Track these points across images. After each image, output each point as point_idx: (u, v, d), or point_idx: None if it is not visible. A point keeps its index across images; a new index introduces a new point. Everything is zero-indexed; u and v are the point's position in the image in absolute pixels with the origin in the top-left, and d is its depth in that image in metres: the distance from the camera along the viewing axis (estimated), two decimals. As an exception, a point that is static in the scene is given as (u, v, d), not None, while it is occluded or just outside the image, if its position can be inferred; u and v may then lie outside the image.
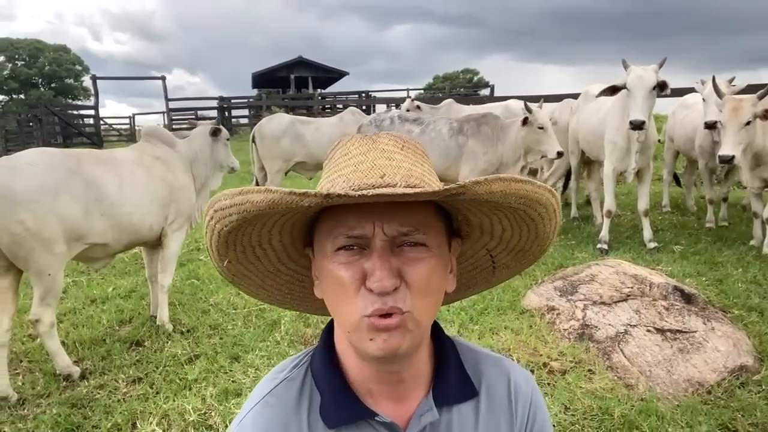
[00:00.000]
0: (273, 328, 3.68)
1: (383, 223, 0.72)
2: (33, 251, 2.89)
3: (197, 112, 24.13)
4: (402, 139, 0.82)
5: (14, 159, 3.01)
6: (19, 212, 2.83)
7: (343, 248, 0.74)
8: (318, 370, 0.85)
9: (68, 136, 21.23)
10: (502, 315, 3.69)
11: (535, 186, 0.75)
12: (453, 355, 0.89)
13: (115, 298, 4.33)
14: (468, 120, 5.29)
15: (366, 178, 0.74)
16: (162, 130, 4.07)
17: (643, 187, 5.03)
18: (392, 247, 0.73)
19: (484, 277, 0.97)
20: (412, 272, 0.73)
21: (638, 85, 4.47)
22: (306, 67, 29.75)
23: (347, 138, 0.84)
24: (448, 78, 47.44)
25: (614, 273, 3.85)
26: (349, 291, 0.73)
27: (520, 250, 0.89)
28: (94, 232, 3.17)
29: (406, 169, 0.76)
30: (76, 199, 3.06)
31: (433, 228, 0.76)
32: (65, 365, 3.13)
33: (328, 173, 0.81)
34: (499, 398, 0.90)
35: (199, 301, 4.19)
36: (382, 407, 0.82)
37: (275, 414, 0.81)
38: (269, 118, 6.99)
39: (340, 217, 0.73)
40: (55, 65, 46.41)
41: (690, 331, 3.20)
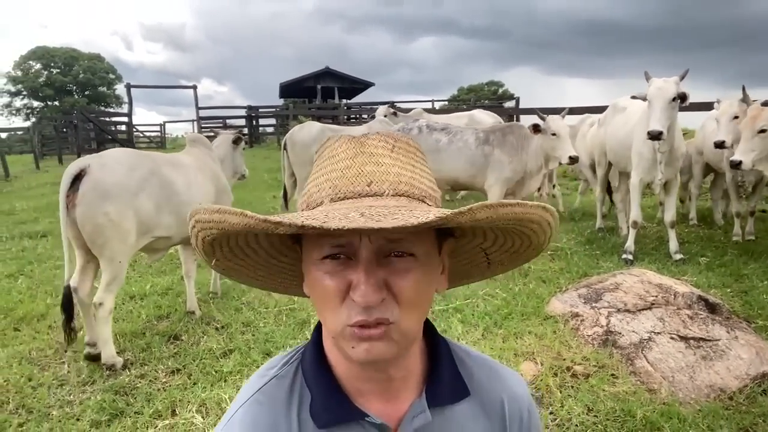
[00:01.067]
0: (303, 326, 3.82)
1: (370, 234, 0.69)
2: (110, 240, 3.24)
3: (225, 120, 24.59)
4: (393, 139, 0.80)
5: (103, 157, 3.39)
6: (105, 205, 3.20)
7: (329, 257, 0.72)
8: (308, 368, 0.84)
9: (102, 142, 21.79)
10: (526, 320, 3.77)
11: (526, 207, 0.74)
12: (446, 356, 0.88)
13: (152, 294, 4.52)
14: (494, 130, 5.42)
15: (352, 186, 0.74)
16: (203, 138, 4.49)
17: (670, 198, 5.06)
18: (379, 258, 0.71)
19: (479, 270, 0.96)
20: (400, 283, 0.71)
21: (657, 95, 4.52)
22: (332, 78, 30.15)
23: (335, 138, 0.82)
24: (473, 90, 47.46)
25: (639, 282, 3.90)
26: (334, 300, 0.72)
27: (515, 252, 0.89)
28: (161, 226, 3.53)
29: (395, 174, 0.76)
30: (151, 197, 3.44)
31: (420, 237, 0.73)
32: (110, 355, 3.33)
33: (315, 176, 0.80)
34: (492, 401, 0.89)
35: (232, 300, 4.35)
36: (372, 407, 0.81)
37: (264, 412, 0.80)
38: (300, 126, 7.18)
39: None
40: (89, 73, 47.59)
41: (713, 339, 3.25)
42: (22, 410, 2.91)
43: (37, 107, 47.57)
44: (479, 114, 8.36)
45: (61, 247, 6.06)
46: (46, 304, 4.30)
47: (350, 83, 31.05)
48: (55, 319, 4.05)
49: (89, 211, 3.18)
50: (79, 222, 3.20)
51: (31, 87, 46.02)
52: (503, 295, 4.20)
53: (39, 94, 46.51)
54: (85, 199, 3.18)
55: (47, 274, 5.18)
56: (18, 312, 4.13)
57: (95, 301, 3.31)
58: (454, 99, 40.11)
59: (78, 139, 20.32)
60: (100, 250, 3.26)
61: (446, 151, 5.50)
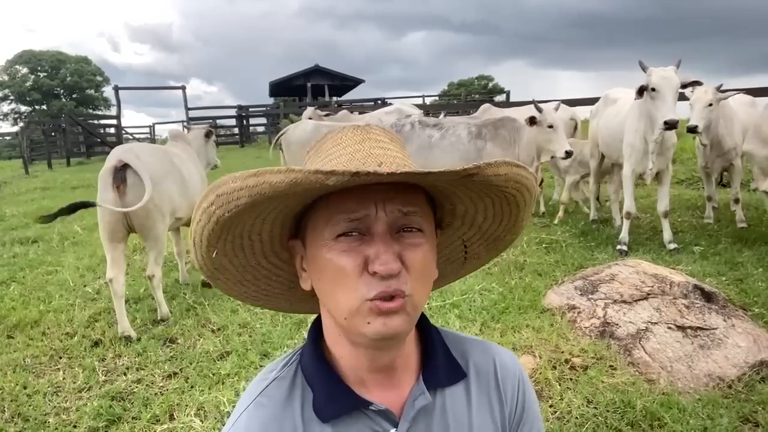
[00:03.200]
0: (300, 326, 3.79)
1: (384, 204, 0.73)
2: (156, 221, 3.85)
3: (216, 120, 24.45)
4: (390, 133, 0.85)
5: (133, 150, 3.87)
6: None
7: (343, 235, 0.74)
8: (308, 366, 0.85)
9: (91, 145, 21.63)
10: (524, 314, 3.76)
11: (527, 171, 0.79)
12: (438, 341, 0.91)
13: (146, 298, 4.48)
14: (486, 124, 5.41)
15: (364, 166, 0.74)
16: (183, 133, 5.29)
17: (663, 188, 5.07)
18: (392, 233, 0.74)
19: (453, 269, 1.00)
20: (412, 257, 0.74)
21: (666, 85, 4.51)
22: (322, 75, 30.05)
23: (337, 129, 0.84)
24: (463, 85, 47.48)
25: (634, 272, 3.90)
26: (351, 277, 0.73)
27: (495, 239, 0.92)
28: (181, 208, 4.17)
29: (400, 158, 0.79)
30: (175, 183, 4.08)
31: (426, 214, 0.78)
32: (165, 313, 4.07)
33: (320, 162, 0.80)
34: (487, 379, 0.92)
35: (228, 301, 4.31)
36: (374, 396, 0.82)
37: (268, 414, 0.81)
38: (295, 125, 7.16)
39: (338, 203, 0.74)
40: (77, 76, 47.32)
41: (710, 328, 3.25)
42: (18, 419, 2.87)
43: (24, 112, 47.27)
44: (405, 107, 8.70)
45: (52, 253, 6.04)
46: (39, 310, 4.25)
47: (340, 80, 30.98)
48: (49, 325, 4.02)
49: (139, 197, 3.65)
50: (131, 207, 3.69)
51: (18, 91, 45.71)
52: (500, 289, 4.20)
53: (26, 99, 46.20)
54: (135, 186, 3.68)
55: (39, 280, 5.13)
56: (11, 319, 4.08)
57: (148, 275, 3.99)
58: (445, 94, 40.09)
59: (67, 143, 20.16)
60: (148, 231, 3.84)
61: (439, 146, 5.50)
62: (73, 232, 7.13)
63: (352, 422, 0.81)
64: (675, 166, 7.91)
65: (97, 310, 4.26)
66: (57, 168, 18.24)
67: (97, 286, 4.82)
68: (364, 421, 0.82)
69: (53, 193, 11.54)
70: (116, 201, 3.68)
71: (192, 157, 4.71)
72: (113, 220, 3.73)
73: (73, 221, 7.82)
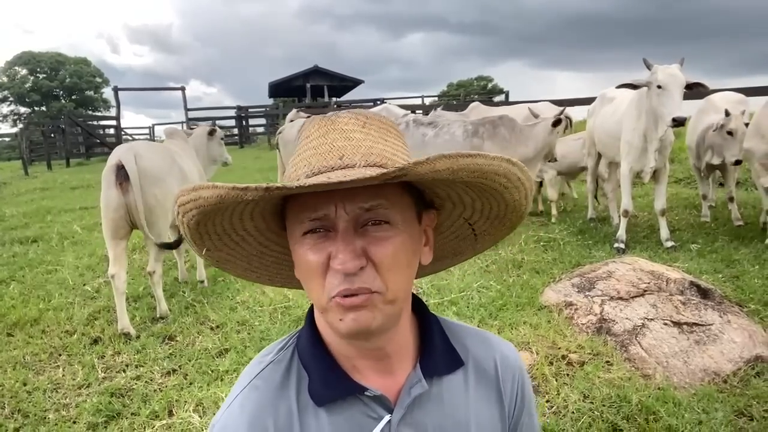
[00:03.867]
0: (298, 323, 3.79)
1: (345, 203, 0.72)
2: (159, 218, 3.88)
3: (215, 121, 24.36)
4: (364, 116, 0.81)
5: (135, 148, 3.89)
6: (154, 188, 3.82)
7: (309, 232, 0.74)
8: (304, 350, 0.85)
9: (90, 146, 21.64)
10: (521, 311, 3.78)
11: (488, 158, 0.74)
12: (437, 329, 0.90)
13: (145, 296, 4.51)
14: (483, 122, 5.40)
15: (325, 161, 0.75)
16: (179, 130, 5.27)
17: (660, 187, 5.09)
18: (356, 228, 0.73)
19: (468, 244, 0.97)
20: (378, 251, 0.73)
21: (673, 82, 4.50)
22: (321, 76, 30.06)
23: (309, 120, 0.84)
24: (462, 85, 47.50)
25: (631, 270, 3.92)
26: (317, 273, 0.74)
27: (496, 217, 0.89)
28: None
29: (367, 147, 0.76)
30: (177, 180, 4.07)
31: (396, 204, 0.75)
32: (165, 310, 4.10)
33: (293, 159, 0.82)
34: (487, 372, 0.91)
35: (227, 299, 4.34)
36: (370, 381, 0.82)
37: (263, 397, 0.81)
38: (291, 124, 7.19)
39: (303, 202, 0.74)
40: (76, 77, 47.30)
41: (706, 324, 3.27)
42: (18, 415, 2.89)
43: (24, 113, 47.26)
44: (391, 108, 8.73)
45: (52, 252, 6.06)
46: (39, 308, 4.27)
47: (339, 81, 30.99)
48: (48, 323, 4.03)
49: (143, 194, 3.71)
50: (134, 205, 3.71)
51: (17, 93, 45.69)
52: (497, 286, 4.22)
53: (26, 100, 46.18)
54: (138, 184, 3.69)
55: (39, 279, 5.15)
56: (11, 317, 4.10)
57: (149, 271, 4.04)
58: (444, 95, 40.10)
59: (66, 144, 20.17)
60: (151, 227, 3.83)
61: (433, 145, 5.48)
62: (73, 231, 7.14)
63: (347, 407, 0.81)
64: (673, 165, 7.95)
65: (96, 309, 4.28)
66: (56, 169, 18.25)
67: (96, 285, 4.84)
68: (359, 406, 0.81)
69: (53, 194, 11.56)
70: (119, 198, 3.72)
71: (189, 153, 4.75)
72: (117, 216, 3.76)
73: (72, 220, 7.85)
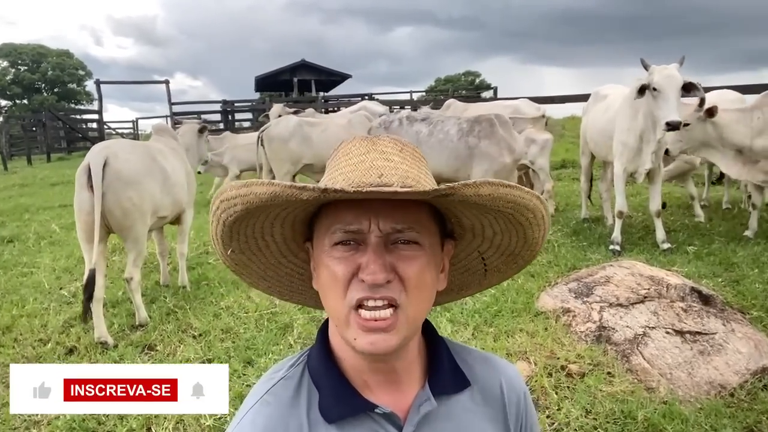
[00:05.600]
0: (285, 331, 3.65)
1: (379, 220, 0.75)
2: (136, 221, 3.68)
3: (201, 115, 24.07)
4: (401, 143, 0.85)
5: (111, 148, 3.71)
6: (129, 191, 3.61)
7: (340, 243, 0.77)
8: (315, 366, 0.86)
9: (72, 140, 21.24)
10: (517, 317, 3.65)
11: (523, 192, 0.78)
12: (445, 350, 0.92)
13: (124, 302, 4.29)
14: (479, 121, 5.24)
15: (364, 177, 0.77)
16: (168, 127, 5.17)
17: (654, 187, 4.99)
18: (387, 244, 0.76)
19: (476, 279, 1.00)
20: (406, 268, 0.76)
21: (669, 84, 4.37)
22: (309, 70, 29.70)
23: (349, 139, 0.87)
24: (450, 80, 47.43)
25: (630, 274, 3.81)
26: (342, 284, 0.76)
27: (510, 254, 0.91)
28: (163, 206, 4.01)
29: (403, 170, 0.79)
30: (157, 181, 3.89)
31: (426, 228, 0.79)
32: (144, 317, 3.89)
33: (330, 172, 0.84)
34: (491, 390, 0.92)
35: (210, 305, 4.15)
36: (380, 399, 0.83)
37: (274, 413, 0.81)
38: (276, 121, 6.96)
39: (338, 214, 0.77)
40: (58, 70, 46.51)
41: (709, 333, 3.16)
42: (-16, 434, 2.70)
43: (4, 106, 46.30)
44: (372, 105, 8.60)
45: (28, 253, 5.83)
46: (12, 315, 4.06)
47: (327, 75, 30.62)
48: (21, 331, 3.83)
49: (116, 197, 3.55)
50: (108, 208, 3.54)
51: (-3, 85, 44.77)
52: (491, 291, 4.07)
53: (6, 93, 45.31)
54: (112, 187, 3.53)
55: (13, 283, 4.92)
56: (-19, 325, 3.89)
57: (126, 277, 3.82)
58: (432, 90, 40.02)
59: (47, 138, 19.79)
60: (127, 232, 3.69)
61: (427, 143, 5.32)
62: (51, 231, 6.90)
63: (357, 424, 0.81)
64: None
65: (72, 315, 4.08)
66: (37, 164, 17.87)
67: (73, 289, 4.63)
68: (369, 423, 0.82)
69: (32, 190, 11.27)
70: (91, 200, 3.52)
71: (177, 152, 4.53)
72: (90, 219, 3.54)
73: (51, 219, 7.61)
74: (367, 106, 8.35)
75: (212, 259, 5.31)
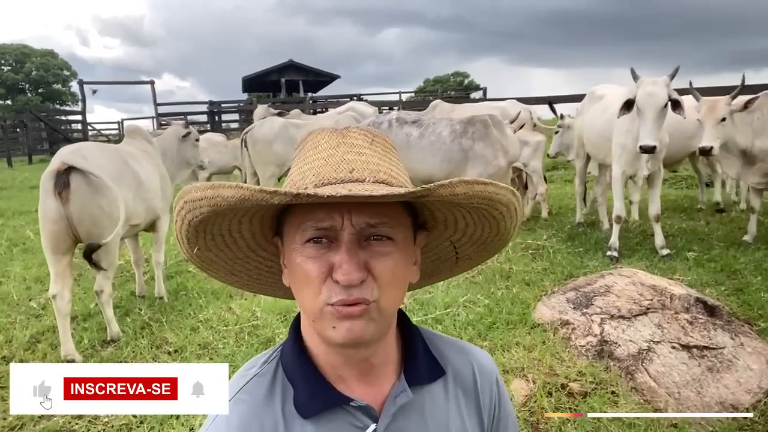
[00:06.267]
0: (267, 346, 3.42)
1: (351, 215, 0.74)
2: (106, 230, 3.38)
3: (187, 116, 23.73)
4: (371, 134, 0.83)
5: (80, 151, 3.45)
6: (99, 197, 3.34)
7: (311, 240, 0.75)
8: (288, 362, 0.85)
9: (55, 141, 20.78)
10: (513, 330, 3.45)
11: (498, 187, 0.78)
12: (419, 341, 0.91)
13: (96, 315, 4.03)
14: (472, 122, 5.04)
15: (335, 172, 0.76)
16: (142, 129, 4.68)
17: (654, 192, 4.82)
18: (360, 241, 0.75)
19: (447, 266, 0.99)
20: (379, 265, 0.74)
21: (649, 104, 4.18)
22: (297, 71, 29.39)
23: (317, 131, 0.84)
24: (439, 81, 47.29)
25: (631, 283, 3.62)
26: (315, 282, 0.74)
27: (482, 243, 0.92)
28: (136, 213, 3.76)
29: (375, 164, 0.78)
30: (130, 187, 3.64)
31: (399, 222, 0.78)
32: (116, 332, 3.64)
33: (299, 165, 0.81)
34: (464, 378, 0.93)
35: (188, 318, 3.91)
36: (355, 392, 0.83)
37: (248, 410, 0.80)
38: (261, 122, 6.71)
39: (309, 210, 0.75)
40: (43, 70, 45.85)
41: (718, 348, 2.98)
42: (-69, 468, 2.46)
43: (-12, 107, 45.54)
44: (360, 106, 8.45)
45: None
46: (-25, 330, 3.80)
47: (315, 76, 30.33)
48: (-16, 348, 3.57)
49: (85, 205, 3.29)
50: (76, 217, 3.27)
51: (-20, 86, 44.05)
52: (485, 301, 3.87)
53: (-11, 93, 44.53)
54: (79, 193, 3.27)
55: (-19, 293, 4.65)
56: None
57: (96, 290, 3.56)
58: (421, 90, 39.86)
59: (28, 139, 19.37)
60: (97, 241, 3.39)
61: (418, 146, 5.12)
62: (25, 237, 6.60)
63: (333, 418, 0.81)
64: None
65: (40, 329, 3.82)
66: (17, 166, 17.45)
67: (42, 301, 4.36)
68: (345, 417, 0.82)
69: (10, 194, 10.94)
70: (58, 209, 3.27)
71: (151, 155, 4.26)
72: (57, 229, 3.30)
73: (26, 225, 7.31)
74: (354, 107, 8.15)
75: (191, 268, 5.06)
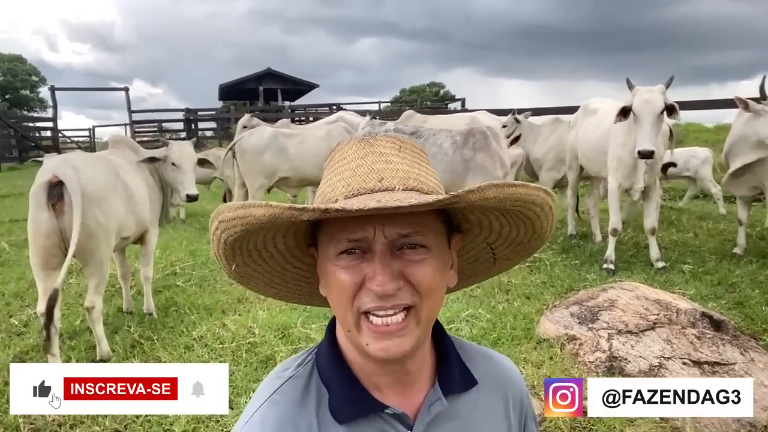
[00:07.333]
0: (267, 364, 3.29)
1: (384, 227, 0.73)
2: (100, 243, 3.32)
3: (161, 124, 23.34)
4: (399, 140, 0.83)
5: (70, 161, 3.28)
6: (93, 209, 3.24)
7: (345, 252, 0.75)
8: (325, 366, 0.84)
9: (24, 149, 20.21)
10: (518, 345, 3.40)
11: (529, 188, 0.77)
12: (452, 349, 0.91)
13: (83, 332, 3.85)
14: (473, 133, 5.02)
15: (364, 183, 0.76)
16: (127, 138, 4.57)
17: (650, 204, 4.83)
18: (393, 251, 0.74)
19: (485, 267, 0.98)
20: (416, 273, 0.74)
21: (646, 110, 4.22)
22: (275, 80, 29.20)
23: (345, 141, 0.84)
24: (415, 91, 47.41)
25: (635, 297, 3.60)
26: (349, 293, 0.74)
27: (519, 244, 0.90)
28: (127, 226, 3.65)
29: (404, 171, 0.78)
30: (121, 199, 3.54)
31: (431, 229, 0.77)
32: (106, 352, 3.47)
33: (328, 177, 0.82)
34: (496, 389, 0.93)
35: (181, 335, 3.75)
36: (390, 399, 0.82)
37: (283, 412, 0.79)
38: (250, 132, 6.56)
39: (341, 222, 0.74)
40: (10, 76, 44.62)
41: (728, 364, 2.96)
42: None
43: (-49, 112, 44.13)
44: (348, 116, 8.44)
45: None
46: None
47: (293, 85, 30.18)
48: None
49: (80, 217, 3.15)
50: (70, 230, 3.12)
51: (-56, 91, 42.70)
52: (487, 315, 3.81)
53: (-46, 99, 43.17)
54: (74, 206, 3.12)
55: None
56: None
57: (87, 306, 3.42)
58: (397, 101, 39.92)
59: (-3, 146, 18.75)
60: (90, 255, 3.32)
61: None
62: (0, 249, 6.31)
63: (367, 424, 0.80)
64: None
65: (24, 348, 3.62)
66: (-14, 174, 16.88)
67: (24, 318, 4.14)
68: (380, 424, 0.81)
69: (-21, 203, 10.51)
70: (51, 222, 3.14)
71: (138, 166, 4.08)
72: (48, 244, 3.16)
73: (0, 236, 7.00)
74: (344, 117, 8.05)
75: (180, 281, 4.90)
